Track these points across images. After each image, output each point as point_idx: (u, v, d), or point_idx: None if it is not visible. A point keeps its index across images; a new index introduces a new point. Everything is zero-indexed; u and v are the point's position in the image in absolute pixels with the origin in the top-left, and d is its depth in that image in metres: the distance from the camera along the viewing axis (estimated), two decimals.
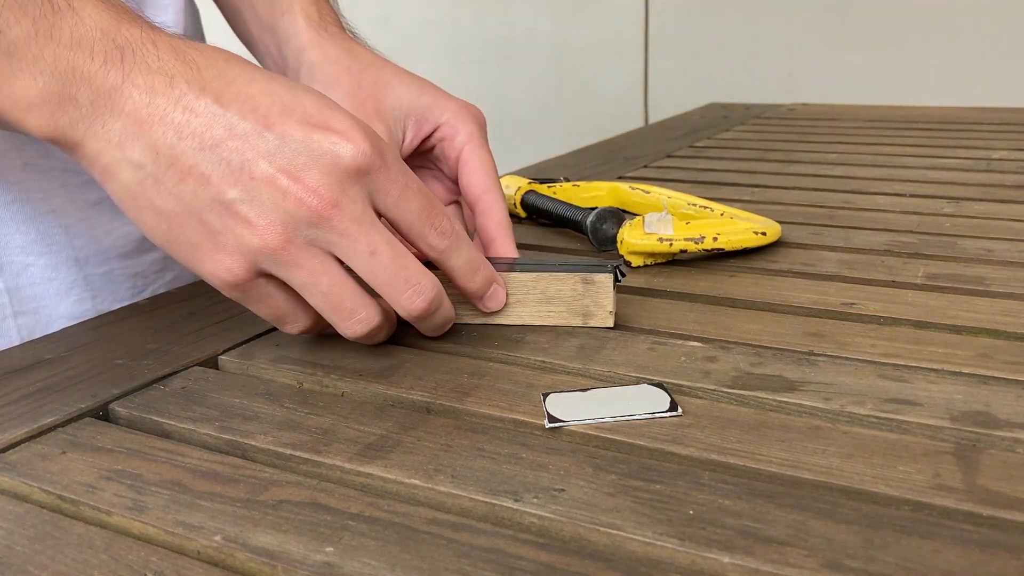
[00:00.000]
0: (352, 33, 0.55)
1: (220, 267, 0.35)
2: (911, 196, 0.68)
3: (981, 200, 0.66)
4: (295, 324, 0.38)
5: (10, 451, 0.32)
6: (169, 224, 0.35)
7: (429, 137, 0.49)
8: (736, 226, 0.52)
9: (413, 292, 0.36)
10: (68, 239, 0.50)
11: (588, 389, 0.35)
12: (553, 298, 0.42)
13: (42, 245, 0.49)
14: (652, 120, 1.91)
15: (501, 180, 0.57)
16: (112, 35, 0.34)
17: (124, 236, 0.53)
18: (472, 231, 0.50)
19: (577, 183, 0.65)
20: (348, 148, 0.34)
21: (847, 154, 0.87)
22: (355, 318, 0.36)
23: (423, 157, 0.51)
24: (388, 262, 0.36)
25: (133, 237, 0.53)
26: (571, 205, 0.58)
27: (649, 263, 0.51)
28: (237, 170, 0.34)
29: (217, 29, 0.61)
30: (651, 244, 0.50)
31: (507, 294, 0.42)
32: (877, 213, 0.63)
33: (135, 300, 0.54)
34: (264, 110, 0.34)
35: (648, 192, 0.61)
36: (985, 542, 0.25)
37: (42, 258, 0.49)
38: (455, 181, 0.49)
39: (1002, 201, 0.66)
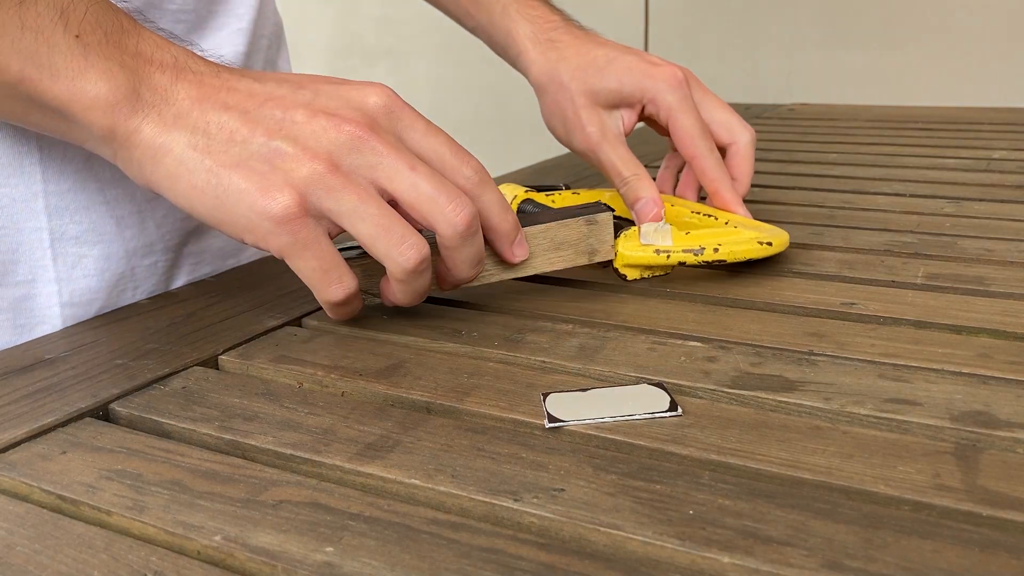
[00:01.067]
0: (559, 15, 0.62)
1: (271, 202, 0.36)
2: (911, 196, 0.68)
3: (981, 200, 0.66)
4: (340, 283, 0.38)
5: (10, 451, 0.32)
6: (219, 178, 0.37)
7: (642, 114, 0.57)
8: (739, 236, 0.49)
9: (456, 205, 0.38)
10: (119, 231, 0.50)
11: (588, 389, 0.35)
12: (562, 243, 0.45)
13: (95, 235, 0.49)
14: None
15: (501, 185, 0.61)
16: (166, 49, 0.39)
17: (173, 230, 0.53)
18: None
19: (577, 191, 0.62)
20: (373, 92, 0.39)
21: (847, 154, 0.87)
22: (406, 242, 0.37)
23: (654, 124, 0.59)
24: (428, 175, 0.37)
25: (181, 231, 0.54)
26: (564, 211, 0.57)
27: (647, 275, 0.48)
28: (279, 121, 0.37)
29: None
30: (647, 256, 0.47)
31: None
32: (877, 213, 0.63)
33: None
34: (295, 79, 0.40)
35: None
36: (985, 542, 0.25)
37: (95, 248, 0.50)
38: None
39: (1002, 201, 0.66)
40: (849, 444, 0.30)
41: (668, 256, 0.47)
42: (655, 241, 0.48)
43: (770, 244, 0.49)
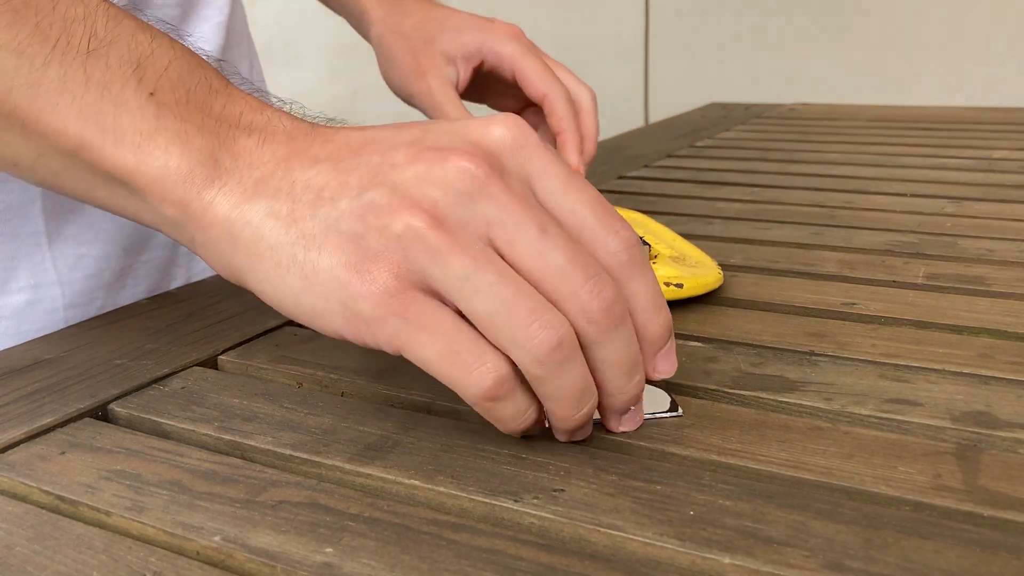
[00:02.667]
0: None
1: (365, 278, 0.28)
2: (912, 196, 0.68)
3: (982, 200, 0.66)
4: (481, 367, 0.28)
5: (9, 451, 0.32)
6: (306, 253, 0.29)
7: (480, 67, 0.57)
8: None
9: (597, 284, 0.28)
10: (116, 228, 0.50)
11: None
12: None
13: (92, 234, 0.49)
14: (652, 120, 1.91)
15: None
16: (259, 110, 0.32)
17: None
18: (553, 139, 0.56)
19: None
20: (500, 123, 0.30)
21: (848, 154, 0.87)
22: (540, 320, 0.27)
23: (489, 80, 0.59)
24: (563, 243, 0.28)
25: None
26: None
27: None
28: (376, 166, 0.29)
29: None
30: None
31: None
32: (878, 213, 0.63)
33: (168, 289, 0.54)
34: (406, 124, 0.31)
35: None
36: (986, 543, 0.25)
37: (94, 247, 0.49)
38: (517, 87, 0.56)
39: (1003, 201, 0.65)
40: (850, 444, 0.30)
41: None
42: None
43: (680, 286, 0.43)
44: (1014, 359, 0.37)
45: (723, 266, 0.49)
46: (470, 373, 0.28)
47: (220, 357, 0.40)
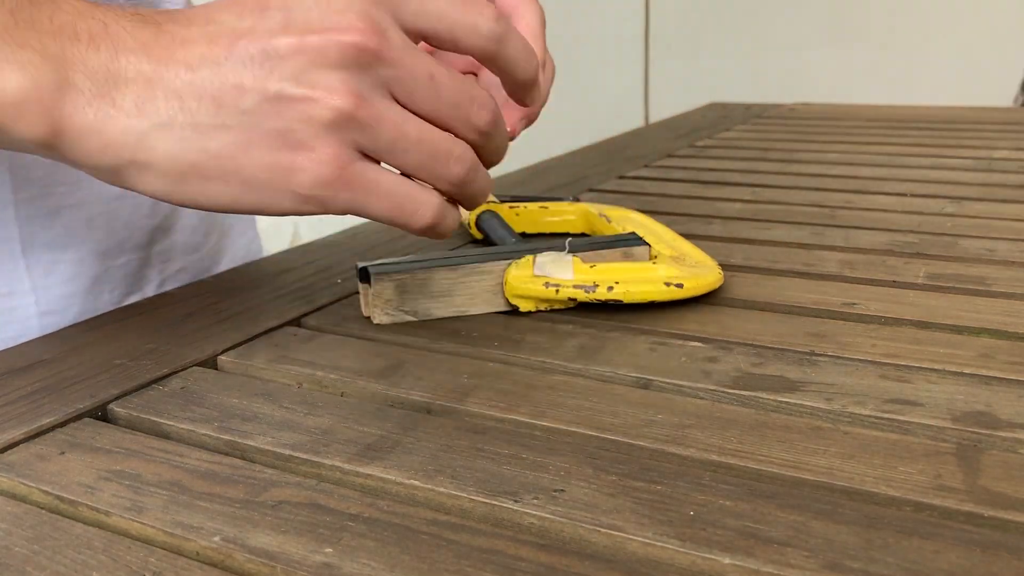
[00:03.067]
0: None
1: (312, 165, 0.31)
2: (912, 196, 0.68)
3: (983, 200, 0.66)
4: (425, 207, 0.34)
5: (8, 451, 0.32)
6: (235, 161, 0.31)
7: None
8: (646, 275, 0.44)
9: (479, 105, 0.34)
10: (90, 232, 0.50)
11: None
12: None
13: (66, 239, 0.49)
14: (652, 120, 1.91)
15: None
16: (91, 13, 0.32)
17: (141, 228, 0.53)
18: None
19: (546, 204, 0.58)
20: None
21: (848, 153, 0.87)
22: (455, 154, 0.34)
23: None
24: (448, 79, 0.33)
25: (148, 228, 0.53)
26: (510, 235, 0.52)
27: (543, 308, 0.44)
28: (262, 61, 0.31)
29: None
30: (537, 289, 0.43)
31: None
32: (878, 213, 0.63)
33: (144, 291, 0.54)
34: (250, 1, 0.32)
35: (610, 220, 0.55)
36: (986, 543, 0.25)
37: (67, 253, 0.49)
38: None
39: (1004, 201, 0.65)
40: (850, 445, 0.30)
41: (557, 291, 0.43)
42: (550, 273, 0.43)
43: (680, 286, 0.43)
44: (1014, 359, 0.37)
45: (723, 266, 0.49)
46: (414, 216, 0.34)
47: (220, 357, 0.40)
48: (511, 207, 0.57)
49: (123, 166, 0.32)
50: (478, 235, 0.56)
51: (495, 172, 0.50)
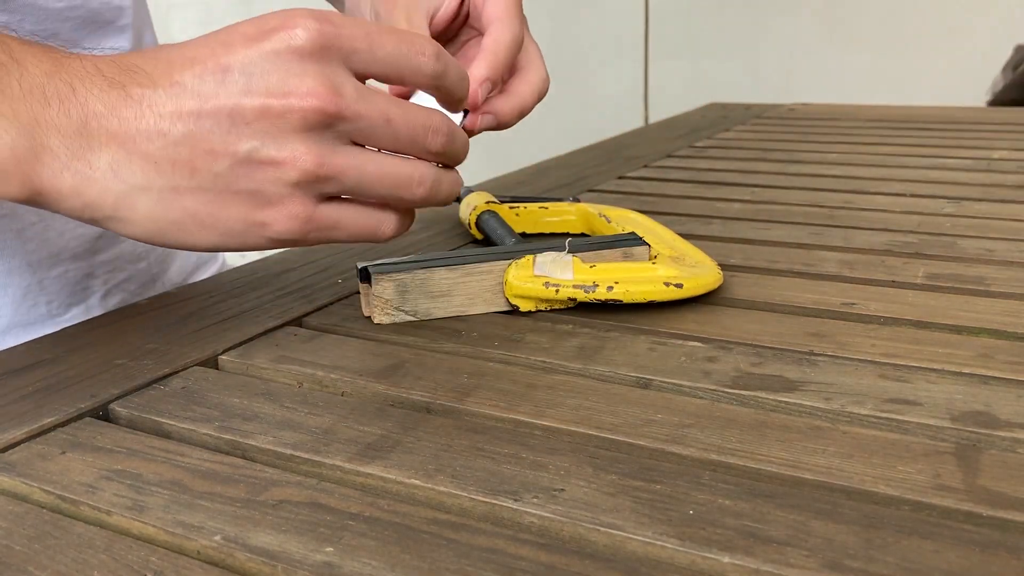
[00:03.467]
0: None
1: (282, 219, 0.35)
2: (911, 196, 0.68)
3: (982, 200, 0.66)
4: (388, 223, 0.38)
5: (10, 451, 0.32)
6: (213, 218, 0.35)
7: (462, 3, 0.54)
8: (645, 274, 0.44)
9: (433, 132, 0.37)
10: (21, 243, 0.49)
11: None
12: None
13: None
14: (652, 120, 1.91)
15: (470, 194, 0.59)
16: (58, 75, 0.33)
17: (77, 238, 0.52)
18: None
19: (545, 204, 0.58)
20: (297, 32, 0.34)
21: (847, 154, 0.87)
22: (415, 179, 0.37)
23: (465, 28, 0.56)
24: (402, 119, 0.36)
25: (86, 238, 0.53)
26: (510, 235, 0.52)
27: (543, 308, 0.44)
28: (230, 125, 0.33)
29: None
30: (537, 289, 0.43)
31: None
32: (877, 213, 0.63)
33: (87, 302, 0.53)
34: (210, 59, 0.34)
35: (610, 220, 0.54)
36: (985, 542, 0.25)
37: None
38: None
39: (1003, 201, 0.66)
40: (849, 444, 0.30)
41: (557, 291, 0.43)
42: (550, 273, 0.43)
43: (680, 286, 0.43)
44: (1014, 359, 0.37)
45: (723, 266, 0.49)
46: (377, 233, 0.38)
47: (220, 357, 0.40)
48: (511, 207, 0.57)
49: (105, 219, 0.35)
50: (478, 235, 0.56)
51: (495, 173, 0.50)
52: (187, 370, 0.38)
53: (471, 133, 0.47)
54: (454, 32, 0.55)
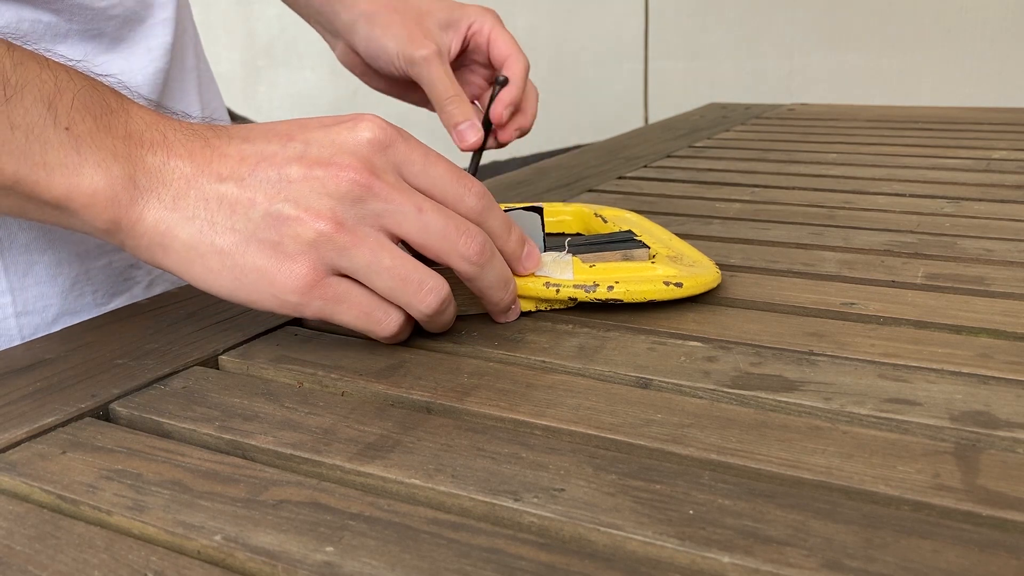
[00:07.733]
0: None
1: (289, 275, 0.36)
2: (911, 196, 0.68)
3: (981, 200, 0.66)
4: (387, 320, 0.38)
5: (10, 451, 0.32)
6: (232, 259, 0.36)
7: (466, 38, 0.63)
8: (645, 274, 0.44)
9: (468, 237, 0.38)
10: (69, 234, 0.50)
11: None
12: None
13: (44, 242, 0.49)
14: (652, 120, 1.91)
15: None
16: (156, 125, 0.38)
17: None
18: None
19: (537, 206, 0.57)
20: (366, 127, 0.38)
21: (847, 154, 0.87)
22: (425, 288, 0.37)
23: (464, 57, 0.64)
24: (436, 214, 0.37)
25: None
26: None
27: (543, 308, 0.44)
28: (275, 182, 0.37)
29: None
30: (537, 289, 0.43)
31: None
32: (877, 213, 0.63)
33: (131, 291, 0.54)
34: (283, 129, 0.38)
35: (606, 221, 0.54)
36: (985, 542, 0.25)
37: (45, 255, 0.49)
38: (487, 67, 0.64)
39: (1002, 201, 0.66)
40: (849, 444, 0.30)
41: (557, 291, 0.43)
42: (551, 273, 0.43)
43: (679, 285, 0.43)
44: (1013, 359, 0.37)
45: (722, 266, 0.49)
46: (380, 325, 0.38)
47: (221, 357, 0.40)
48: (506, 210, 0.57)
49: (151, 246, 0.37)
50: None
51: (495, 172, 0.50)
52: (187, 370, 0.38)
53: (501, 145, 0.59)
54: (454, 63, 0.63)
